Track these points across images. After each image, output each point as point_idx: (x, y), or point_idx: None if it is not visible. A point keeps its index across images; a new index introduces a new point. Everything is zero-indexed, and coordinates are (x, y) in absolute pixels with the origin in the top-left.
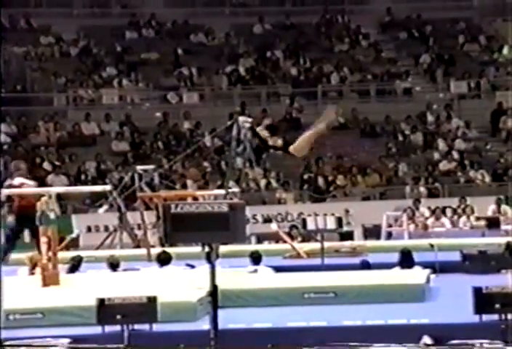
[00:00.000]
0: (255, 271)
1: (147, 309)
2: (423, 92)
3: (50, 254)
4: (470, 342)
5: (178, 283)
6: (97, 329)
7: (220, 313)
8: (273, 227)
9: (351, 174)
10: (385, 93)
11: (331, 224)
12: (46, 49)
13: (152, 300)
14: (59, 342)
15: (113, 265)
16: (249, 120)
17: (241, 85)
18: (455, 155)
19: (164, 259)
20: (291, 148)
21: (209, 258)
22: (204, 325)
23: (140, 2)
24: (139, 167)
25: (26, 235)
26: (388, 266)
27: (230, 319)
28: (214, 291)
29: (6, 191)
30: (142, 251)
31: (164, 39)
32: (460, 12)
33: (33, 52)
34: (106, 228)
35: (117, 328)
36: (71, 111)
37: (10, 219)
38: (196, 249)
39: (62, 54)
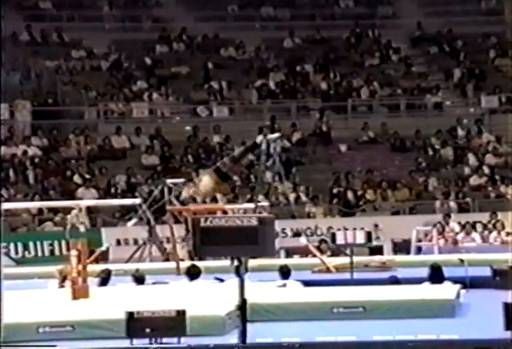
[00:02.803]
0: (284, 285)
1: (176, 322)
2: (454, 107)
3: (80, 267)
4: None
5: (207, 296)
6: (126, 343)
7: (249, 327)
8: (303, 241)
9: (381, 189)
10: (416, 107)
11: (360, 238)
12: (77, 62)
13: (181, 314)
14: None
15: (138, 280)
16: (276, 135)
17: (270, 99)
18: (486, 170)
19: (193, 273)
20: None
21: (238, 272)
22: (233, 339)
23: (170, 16)
24: (168, 181)
25: (56, 248)
26: (418, 281)
27: (259, 333)
28: (243, 305)
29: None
30: (171, 264)
31: (195, 53)
32: (492, 27)
33: (65, 66)
34: (135, 241)
35: (146, 341)
36: (102, 125)
37: None
38: (225, 262)
39: (93, 68)
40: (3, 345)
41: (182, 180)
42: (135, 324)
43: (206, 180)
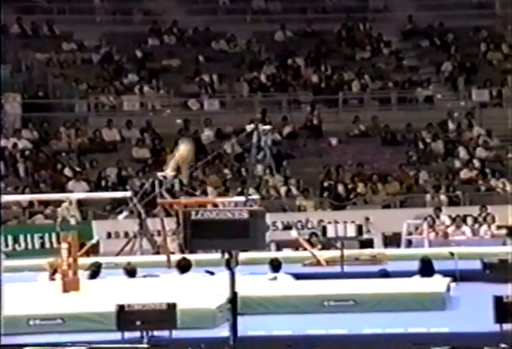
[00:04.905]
0: (275, 278)
1: (166, 315)
2: (445, 100)
3: (70, 260)
4: None
5: (198, 289)
6: (116, 335)
7: (240, 320)
8: (293, 234)
9: (372, 182)
10: (406, 101)
11: (351, 231)
12: (68, 55)
13: (171, 307)
14: None
15: (130, 273)
16: (268, 127)
17: (262, 92)
18: (476, 163)
19: (184, 266)
20: None
21: (229, 265)
22: (224, 332)
23: (161, 9)
24: (159, 174)
25: (46, 241)
26: (408, 274)
27: (250, 326)
28: (233, 298)
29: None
30: (162, 257)
31: (186, 46)
32: (483, 20)
33: (55, 59)
34: (126, 234)
35: (136, 334)
36: (92, 117)
37: None
38: (216, 255)
39: (84, 61)
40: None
41: (173, 174)
42: (126, 317)
43: (182, 147)
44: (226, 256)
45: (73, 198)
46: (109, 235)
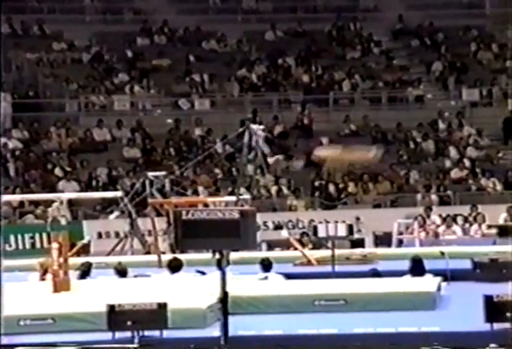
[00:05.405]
0: (266, 278)
1: (157, 315)
2: (435, 100)
3: (61, 260)
4: None
5: (189, 289)
6: (107, 335)
7: (231, 319)
8: (284, 234)
9: (362, 182)
10: (397, 100)
11: (342, 231)
12: (58, 55)
13: (162, 307)
14: None
15: (121, 273)
16: (261, 127)
17: (252, 92)
18: (467, 163)
19: (174, 266)
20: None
21: (220, 265)
22: (214, 332)
23: (152, 9)
24: (150, 173)
25: (37, 241)
26: (399, 274)
27: (241, 326)
28: (224, 298)
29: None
30: (153, 257)
31: (176, 46)
32: (473, 20)
33: (46, 58)
34: (117, 234)
35: (127, 334)
36: (83, 117)
37: None
38: (207, 255)
39: (74, 61)
40: None
41: (163, 173)
42: (116, 317)
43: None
44: (217, 256)
45: (63, 198)
46: (100, 235)
